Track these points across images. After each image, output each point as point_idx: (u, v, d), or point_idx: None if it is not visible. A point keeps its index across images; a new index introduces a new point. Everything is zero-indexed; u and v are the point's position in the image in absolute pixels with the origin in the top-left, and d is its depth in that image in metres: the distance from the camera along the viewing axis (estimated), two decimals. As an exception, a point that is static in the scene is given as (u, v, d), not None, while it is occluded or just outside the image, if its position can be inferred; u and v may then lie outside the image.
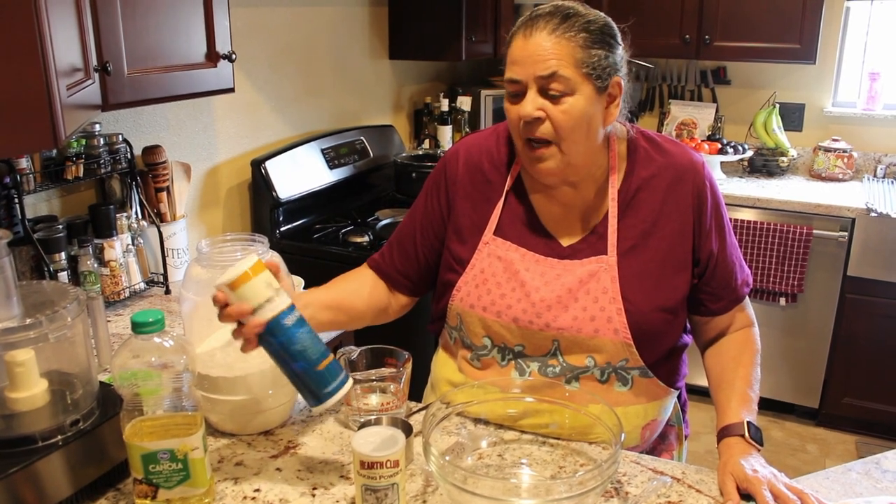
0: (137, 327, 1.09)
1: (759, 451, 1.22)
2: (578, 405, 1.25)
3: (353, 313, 1.42)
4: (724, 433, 1.25)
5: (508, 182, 1.39)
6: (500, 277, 1.34)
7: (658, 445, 1.46)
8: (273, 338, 1.10)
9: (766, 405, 3.48)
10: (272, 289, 1.09)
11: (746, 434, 1.22)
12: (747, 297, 1.42)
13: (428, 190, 1.46)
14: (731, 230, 1.39)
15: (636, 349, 1.30)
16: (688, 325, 1.45)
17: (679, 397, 1.51)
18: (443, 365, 1.49)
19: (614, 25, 1.29)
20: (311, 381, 1.11)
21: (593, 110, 1.24)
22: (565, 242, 1.35)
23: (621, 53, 1.28)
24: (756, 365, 1.36)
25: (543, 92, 1.22)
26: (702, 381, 1.41)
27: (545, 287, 1.31)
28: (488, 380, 1.36)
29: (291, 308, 1.10)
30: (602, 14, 1.27)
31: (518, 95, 1.24)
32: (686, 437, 1.55)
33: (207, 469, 1.14)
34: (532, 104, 1.22)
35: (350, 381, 1.15)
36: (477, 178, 1.40)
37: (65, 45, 1.33)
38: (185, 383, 1.11)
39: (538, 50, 1.20)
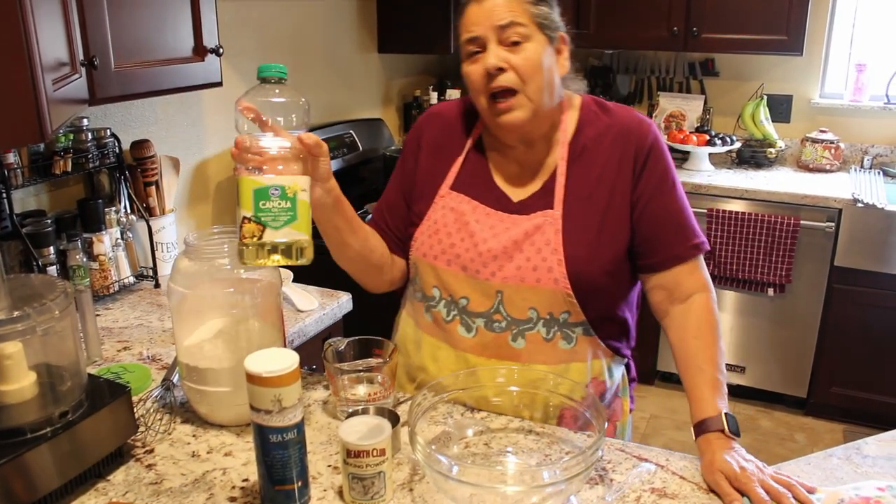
0: (262, 72, 1.23)
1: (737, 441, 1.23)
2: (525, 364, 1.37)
3: (369, 246, 1.45)
4: (701, 427, 1.25)
5: (469, 141, 1.47)
6: (451, 227, 1.42)
7: None
8: (256, 436, 1.09)
9: (754, 395, 3.52)
10: (277, 404, 1.05)
11: (726, 429, 1.22)
12: (700, 263, 1.41)
13: (403, 153, 1.55)
14: (678, 191, 1.40)
15: (577, 301, 1.35)
16: (636, 300, 1.49)
17: (629, 372, 1.55)
18: (404, 323, 1.55)
19: None
20: (264, 487, 1.11)
21: (549, 59, 1.33)
22: (516, 198, 1.42)
23: (559, 14, 1.38)
24: (718, 339, 1.36)
25: (502, 44, 1.31)
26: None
27: (493, 238, 1.38)
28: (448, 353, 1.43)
29: (284, 430, 1.07)
30: None
31: (477, 53, 1.33)
32: (631, 410, 1.57)
33: (310, 221, 1.15)
34: (494, 55, 1.30)
35: None
36: (443, 137, 1.50)
37: (50, 39, 1.34)
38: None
39: (494, 7, 1.30)
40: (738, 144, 3.66)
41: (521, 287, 1.36)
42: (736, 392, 3.55)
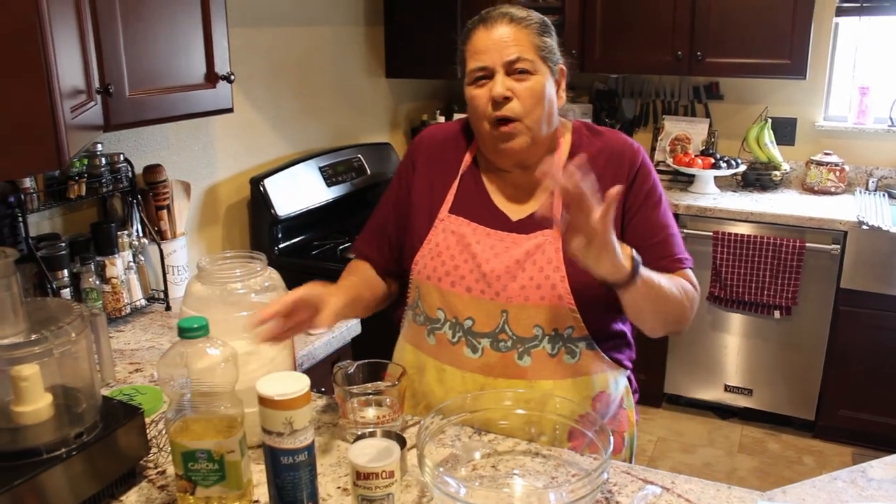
0: (183, 332, 1.14)
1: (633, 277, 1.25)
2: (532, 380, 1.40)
3: (367, 305, 1.53)
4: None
5: (465, 164, 1.52)
6: (453, 250, 1.45)
7: (609, 424, 1.49)
8: (267, 457, 1.12)
9: (762, 417, 3.51)
10: (288, 427, 1.08)
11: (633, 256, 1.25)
12: (688, 276, 1.43)
13: (399, 174, 1.59)
14: (664, 207, 1.46)
15: (580, 316, 1.39)
16: None
17: (630, 384, 1.58)
18: (404, 350, 1.57)
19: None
20: None
21: (550, 91, 1.41)
22: (515, 217, 1.46)
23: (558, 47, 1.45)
24: (678, 295, 1.37)
25: (509, 74, 1.37)
26: (699, 395, 1.43)
27: (495, 259, 1.42)
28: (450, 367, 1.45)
29: (294, 452, 1.10)
30: (538, 13, 1.45)
31: (484, 78, 1.39)
32: (637, 421, 1.61)
33: (245, 472, 1.16)
34: (502, 85, 1.37)
35: None
36: (438, 160, 1.54)
37: (69, 68, 1.37)
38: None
39: (502, 38, 1.37)
40: (743, 167, 3.67)
41: (526, 305, 1.40)
42: (743, 415, 3.54)
